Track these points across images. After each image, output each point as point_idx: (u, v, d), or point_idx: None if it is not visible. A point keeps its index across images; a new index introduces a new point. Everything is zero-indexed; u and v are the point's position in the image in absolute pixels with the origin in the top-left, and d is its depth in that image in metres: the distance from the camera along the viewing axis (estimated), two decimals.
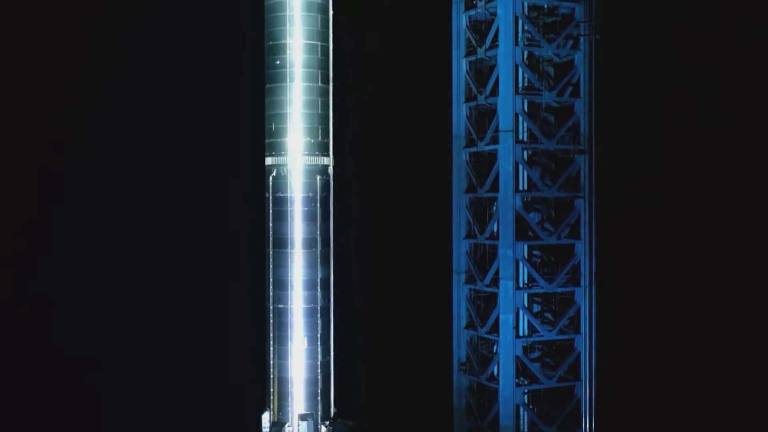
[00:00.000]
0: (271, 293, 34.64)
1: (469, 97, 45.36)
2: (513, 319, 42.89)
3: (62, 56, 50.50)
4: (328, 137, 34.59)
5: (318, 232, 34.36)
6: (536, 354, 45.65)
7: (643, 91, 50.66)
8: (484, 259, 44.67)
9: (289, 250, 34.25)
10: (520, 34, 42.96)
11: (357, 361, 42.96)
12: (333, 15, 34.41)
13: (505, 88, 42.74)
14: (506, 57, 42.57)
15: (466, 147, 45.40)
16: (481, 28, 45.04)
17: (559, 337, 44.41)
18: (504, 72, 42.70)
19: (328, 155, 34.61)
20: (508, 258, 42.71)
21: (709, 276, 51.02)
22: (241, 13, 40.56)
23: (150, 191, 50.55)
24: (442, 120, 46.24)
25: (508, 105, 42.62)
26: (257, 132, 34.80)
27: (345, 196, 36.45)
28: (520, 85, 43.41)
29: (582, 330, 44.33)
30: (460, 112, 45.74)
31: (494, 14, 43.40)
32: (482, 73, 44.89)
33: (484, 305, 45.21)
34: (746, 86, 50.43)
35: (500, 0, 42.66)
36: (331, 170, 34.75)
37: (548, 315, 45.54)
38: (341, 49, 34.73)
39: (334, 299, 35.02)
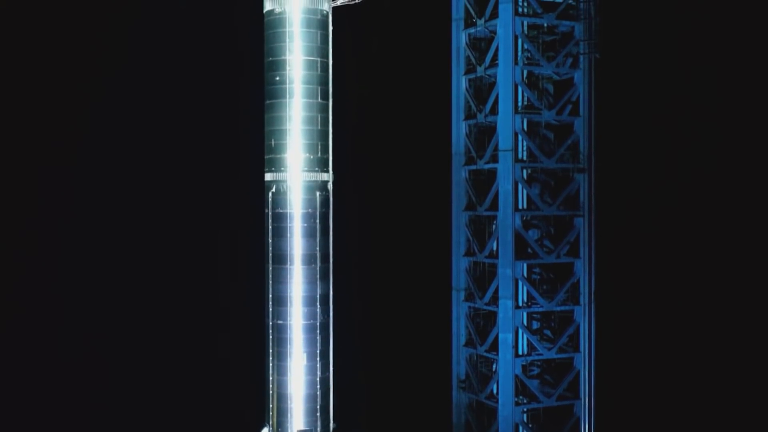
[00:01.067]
0: (270, 309, 34.51)
1: (469, 115, 45.49)
2: (512, 339, 42.87)
3: (63, 66, 50.68)
4: (328, 153, 34.59)
5: (317, 248, 34.26)
6: (535, 372, 45.57)
7: (642, 109, 50.77)
8: (483, 277, 44.66)
9: (288, 266, 34.15)
10: (519, 53, 43.11)
11: (356, 377, 42.90)
12: (332, 31, 34.54)
13: (505, 107, 42.86)
14: (506, 76, 42.70)
15: (466, 164, 45.48)
16: (480, 46, 45.19)
17: (559, 355, 44.34)
18: (503, 91, 42.80)
19: (327, 171, 34.62)
20: (508, 277, 42.69)
21: (710, 294, 50.94)
22: (241, 30, 40.73)
23: (150, 206, 50.57)
24: (441, 137, 46.39)
25: (507, 124, 42.72)
26: (257, 148, 34.88)
27: (344, 212, 36.47)
28: (520, 103, 43.53)
29: (581, 348, 44.26)
30: (459, 129, 45.85)
31: (494, 32, 43.55)
32: (482, 91, 45.04)
33: (484, 323, 45.14)
34: (747, 103, 50.54)
35: (500, 19, 42.84)
36: (330, 186, 34.74)
37: (547, 333, 45.48)
38: (341, 64, 34.83)
39: (333, 315, 34.95)
